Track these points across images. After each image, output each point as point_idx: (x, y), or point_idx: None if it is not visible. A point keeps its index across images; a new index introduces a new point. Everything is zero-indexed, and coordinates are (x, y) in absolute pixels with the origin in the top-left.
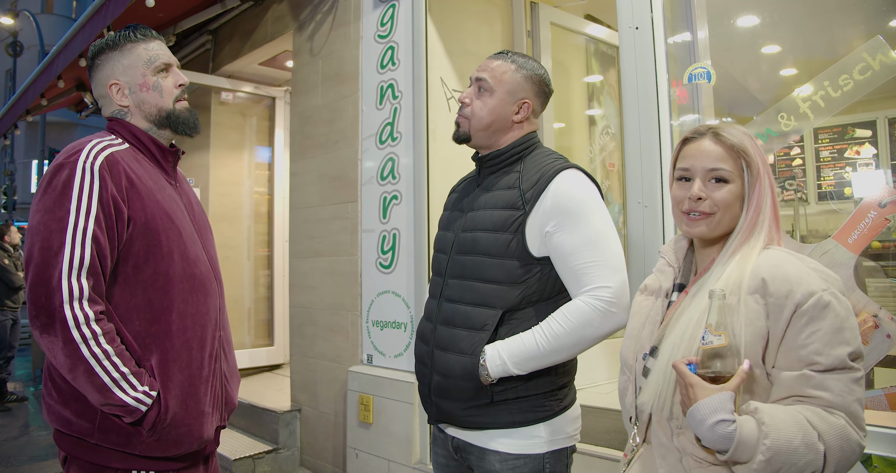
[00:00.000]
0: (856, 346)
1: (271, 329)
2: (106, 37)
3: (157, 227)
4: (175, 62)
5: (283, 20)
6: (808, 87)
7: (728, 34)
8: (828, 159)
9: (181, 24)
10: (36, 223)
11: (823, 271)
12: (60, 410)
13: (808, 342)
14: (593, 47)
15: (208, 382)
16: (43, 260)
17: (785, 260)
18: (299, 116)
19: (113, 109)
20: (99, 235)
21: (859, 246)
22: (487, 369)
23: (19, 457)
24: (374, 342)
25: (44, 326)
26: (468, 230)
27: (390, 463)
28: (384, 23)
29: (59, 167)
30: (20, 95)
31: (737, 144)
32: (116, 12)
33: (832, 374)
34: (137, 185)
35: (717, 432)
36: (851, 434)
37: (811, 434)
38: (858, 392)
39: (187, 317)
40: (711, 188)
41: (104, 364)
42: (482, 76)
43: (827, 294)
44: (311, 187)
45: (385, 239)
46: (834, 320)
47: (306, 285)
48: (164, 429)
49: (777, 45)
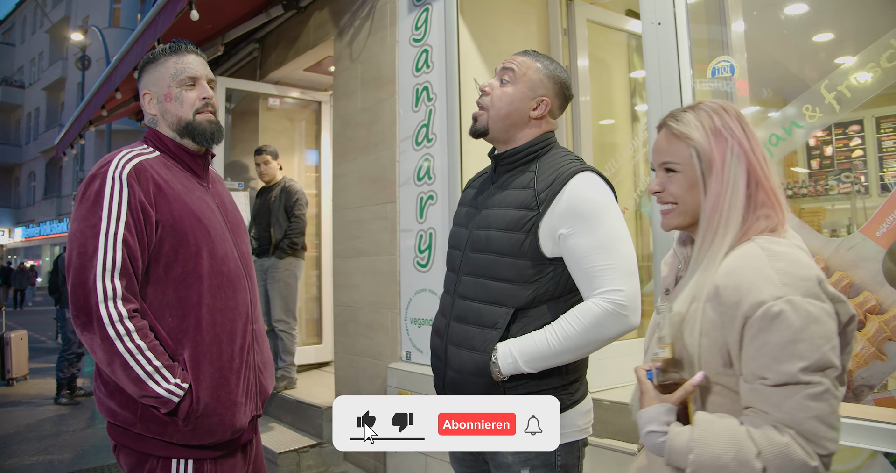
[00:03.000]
0: (813, 359)
1: (320, 328)
2: (152, 51)
3: (184, 228)
4: (203, 76)
5: (324, 27)
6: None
7: (777, 23)
8: (891, 149)
9: (229, 34)
10: (73, 231)
11: (791, 272)
12: (107, 402)
13: (756, 355)
14: (635, 43)
15: (240, 373)
16: (80, 264)
17: (744, 262)
18: (341, 120)
19: (148, 118)
20: (129, 238)
21: (888, 240)
22: (499, 366)
23: (85, 447)
24: (413, 340)
25: (83, 324)
26: (482, 228)
27: (427, 458)
28: (418, 26)
29: (91, 178)
30: (84, 108)
31: (682, 132)
32: (165, 26)
33: (782, 389)
34: (165, 189)
35: (649, 440)
36: (796, 453)
37: (747, 451)
38: (816, 408)
39: (217, 312)
40: (667, 180)
41: (138, 358)
42: (510, 66)
43: (780, 303)
44: (353, 188)
45: (422, 238)
46: (784, 332)
47: (349, 285)
48: (198, 419)
49: (831, 33)
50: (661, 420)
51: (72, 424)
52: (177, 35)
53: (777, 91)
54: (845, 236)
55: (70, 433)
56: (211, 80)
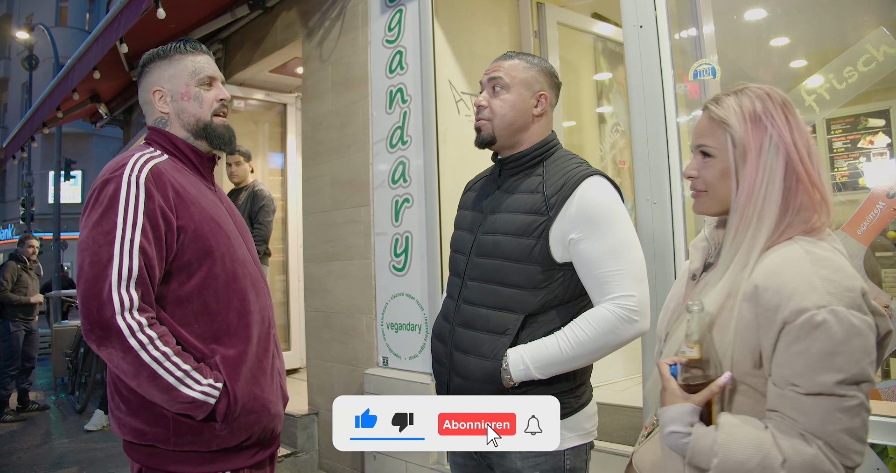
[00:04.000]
0: (851, 373)
1: (288, 334)
2: (159, 47)
3: (205, 233)
4: (220, 77)
5: (292, 28)
6: (816, 78)
7: (736, 28)
8: (841, 150)
9: (192, 34)
10: (84, 238)
11: (836, 281)
12: (131, 421)
13: (791, 362)
14: (601, 45)
15: (270, 375)
16: (93, 274)
17: (787, 265)
18: (311, 122)
19: (155, 117)
20: (146, 246)
21: (868, 237)
22: (510, 373)
23: (41, 465)
24: (390, 345)
25: (100, 339)
26: (489, 233)
27: (408, 465)
28: (391, 28)
29: (105, 183)
30: (36, 109)
31: (720, 116)
32: (128, 24)
33: (815, 398)
34: (183, 194)
35: (671, 440)
36: (823, 464)
37: (773, 459)
38: (846, 421)
39: (243, 315)
40: (702, 165)
41: (165, 365)
42: (496, 76)
43: (823, 313)
44: (324, 191)
45: (398, 242)
46: (825, 343)
47: (321, 289)
48: (236, 419)
49: (786, 38)
50: (685, 421)
51: (26, 441)
52: (139, 34)
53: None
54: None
55: (25, 450)
56: (224, 81)
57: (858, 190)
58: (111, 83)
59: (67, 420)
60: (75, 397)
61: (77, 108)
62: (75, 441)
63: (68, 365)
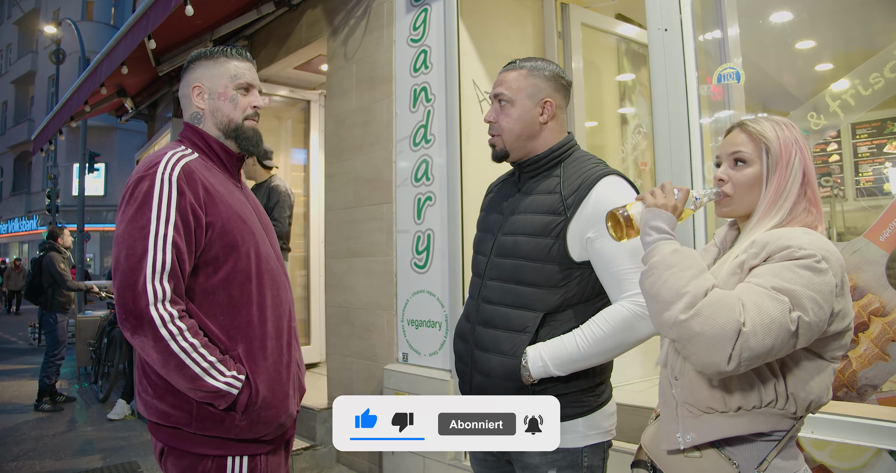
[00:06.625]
0: (796, 294)
1: (308, 329)
2: (206, 48)
3: (232, 229)
4: (258, 86)
5: (317, 25)
6: (842, 82)
7: (761, 31)
8: (866, 155)
9: (218, 31)
10: (121, 232)
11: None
12: (157, 404)
13: (758, 272)
14: (624, 46)
15: (288, 367)
16: (129, 266)
17: (784, 231)
18: (334, 119)
19: (191, 112)
20: (178, 240)
21: (891, 244)
22: (529, 370)
23: (66, 451)
24: (410, 341)
25: (133, 328)
26: (509, 234)
27: (426, 460)
28: (416, 27)
29: (139, 180)
30: (65, 102)
31: (758, 130)
32: (158, 21)
33: (757, 287)
34: (212, 192)
35: (646, 233)
36: (767, 304)
37: (706, 279)
38: (770, 306)
39: (266, 309)
40: (733, 171)
41: (193, 356)
42: (499, 91)
43: (804, 252)
44: (347, 188)
45: (420, 240)
46: (794, 266)
47: (343, 286)
48: (256, 411)
49: (812, 41)
50: (662, 229)
51: (51, 428)
52: (166, 30)
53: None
54: (849, 240)
55: (51, 437)
56: (261, 91)
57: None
58: (138, 78)
59: (91, 408)
60: (98, 386)
61: (104, 102)
62: (98, 429)
63: (91, 355)
